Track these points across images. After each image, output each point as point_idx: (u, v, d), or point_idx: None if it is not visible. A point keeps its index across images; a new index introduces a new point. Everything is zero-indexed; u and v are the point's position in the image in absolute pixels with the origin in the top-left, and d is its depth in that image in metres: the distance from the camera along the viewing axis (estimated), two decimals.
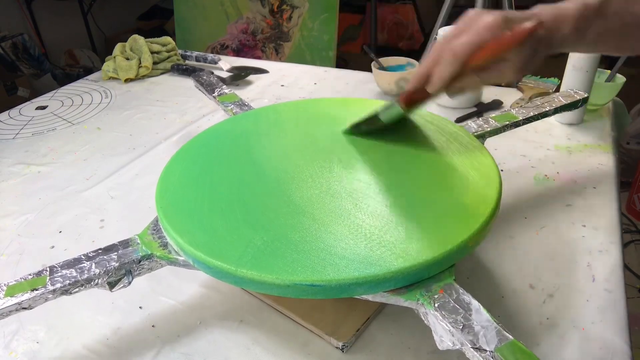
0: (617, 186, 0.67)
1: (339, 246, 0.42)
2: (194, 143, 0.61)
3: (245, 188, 0.51)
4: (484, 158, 0.52)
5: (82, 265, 0.45)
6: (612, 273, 0.53)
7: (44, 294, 0.43)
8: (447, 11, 1.36)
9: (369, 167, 0.52)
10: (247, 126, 0.64)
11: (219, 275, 0.42)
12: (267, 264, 0.41)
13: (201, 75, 0.84)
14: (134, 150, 0.84)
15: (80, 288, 0.44)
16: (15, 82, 2.23)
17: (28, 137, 0.91)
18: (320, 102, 0.69)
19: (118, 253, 0.47)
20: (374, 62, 0.97)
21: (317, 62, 1.93)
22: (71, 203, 0.71)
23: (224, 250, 0.43)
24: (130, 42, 1.16)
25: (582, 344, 0.45)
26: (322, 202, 0.48)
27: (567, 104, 0.68)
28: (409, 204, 0.47)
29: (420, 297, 0.39)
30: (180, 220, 0.47)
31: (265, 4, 2.01)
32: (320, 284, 0.39)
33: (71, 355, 0.48)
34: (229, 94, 0.77)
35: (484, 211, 0.45)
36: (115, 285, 0.46)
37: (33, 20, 2.48)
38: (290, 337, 0.48)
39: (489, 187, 0.48)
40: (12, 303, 0.43)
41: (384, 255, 0.40)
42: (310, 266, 0.40)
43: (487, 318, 0.37)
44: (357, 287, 0.39)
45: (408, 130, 0.59)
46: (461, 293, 0.39)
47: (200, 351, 0.47)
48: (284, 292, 0.40)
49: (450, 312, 0.37)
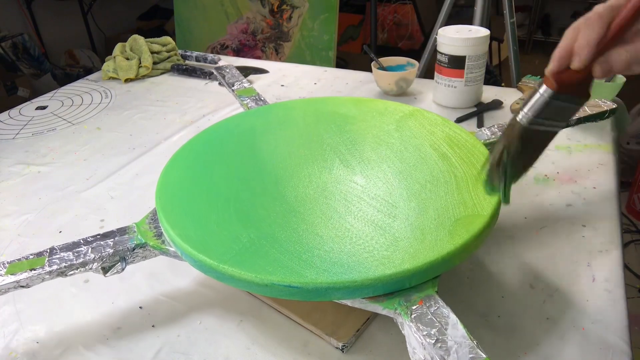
0: (617, 186, 0.67)
1: (322, 248, 0.42)
2: (201, 137, 0.61)
3: (243, 184, 0.51)
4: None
5: (79, 249, 0.47)
6: (612, 273, 0.52)
7: (41, 275, 0.45)
8: (447, 11, 1.35)
9: (369, 170, 0.52)
10: (256, 122, 0.64)
11: (203, 269, 0.43)
12: (249, 261, 0.41)
13: (225, 68, 0.88)
14: (134, 150, 0.84)
15: (75, 271, 0.46)
16: (15, 82, 2.23)
17: (28, 137, 0.91)
18: (331, 100, 0.68)
19: (114, 240, 0.48)
20: (374, 62, 0.97)
21: (317, 62, 1.92)
22: (71, 203, 0.71)
23: (211, 245, 0.43)
24: (130, 42, 1.16)
25: (582, 344, 0.45)
26: (315, 203, 0.48)
27: (593, 114, 0.63)
28: (401, 211, 0.46)
29: (398, 307, 0.39)
30: (175, 213, 0.48)
31: (265, 4, 2.01)
32: (297, 286, 0.39)
33: (71, 355, 0.48)
34: (248, 88, 0.79)
35: (475, 226, 0.43)
36: (109, 271, 0.47)
37: (33, 20, 2.48)
38: (290, 337, 0.48)
39: (487, 200, 0.46)
40: (11, 281, 0.44)
41: (365, 262, 0.40)
42: (290, 267, 0.40)
43: (463, 334, 0.36)
44: (335, 291, 0.39)
45: (418, 134, 0.58)
46: (440, 306, 0.38)
47: (200, 351, 0.47)
48: (262, 291, 0.40)
49: (426, 325, 0.37)
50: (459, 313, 0.49)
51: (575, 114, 0.44)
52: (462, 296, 0.51)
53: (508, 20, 1.29)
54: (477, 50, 0.84)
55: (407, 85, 0.95)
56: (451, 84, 0.88)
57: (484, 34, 0.84)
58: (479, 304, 0.50)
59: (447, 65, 0.86)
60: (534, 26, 3.06)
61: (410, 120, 0.60)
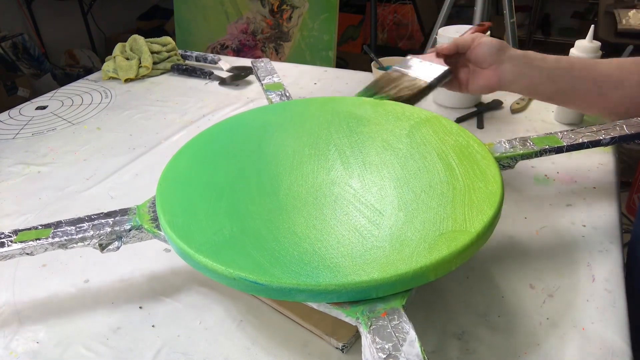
0: (617, 186, 0.67)
1: (297, 249, 0.42)
2: (214, 129, 0.62)
3: (241, 178, 0.52)
4: (491, 185, 0.48)
5: (82, 225, 0.50)
6: (612, 273, 0.53)
7: (44, 245, 0.48)
8: (447, 11, 1.36)
9: (367, 174, 0.52)
10: (271, 118, 0.64)
11: (183, 257, 0.44)
12: (223, 254, 0.42)
13: (259, 61, 0.91)
14: (134, 150, 0.84)
15: (75, 245, 0.49)
16: (15, 82, 2.23)
17: (28, 137, 0.91)
18: (350, 100, 0.68)
19: (114, 219, 0.50)
20: (373, 62, 0.96)
21: (317, 62, 1.92)
22: (71, 203, 0.71)
23: (194, 234, 0.44)
24: (130, 42, 1.16)
25: (582, 344, 0.45)
26: (304, 203, 0.48)
27: (630, 134, 0.58)
28: (387, 219, 0.45)
29: (360, 316, 0.38)
30: (170, 200, 0.49)
31: (265, 4, 2.01)
32: (262, 283, 0.39)
33: (71, 355, 0.48)
34: (277, 83, 0.80)
35: (458, 242, 0.41)
36: (105, 248, 0.50)
37: (33, 20, 2.48)
38: (290, 337, 0.48)
39: (479, 217, 0.44)
40: (17, 247, 0.48)
41: (335, 267, 0.40)
42: (261, 264, 0.40)
43: (417, 353, 0.34)
44: (298, 293, 0.39)
45: (428, 141, 0.56)
46: (403, 321, 0.37)
47: (200, 351, 0.47)
48: (231, 284, 0.41)
49: (382, 338, 0.36)
50: (458, 313, 0.49)
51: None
52: (462, 296, 0.51)
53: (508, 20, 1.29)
54: None
55: None
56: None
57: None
58: (479, 304, 0.50)
59: None
60: (534, 26, 3.06)
61: (425, 126, 0.59)
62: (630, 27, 1.66)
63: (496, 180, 0.49)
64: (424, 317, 0.49)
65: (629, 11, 1.76)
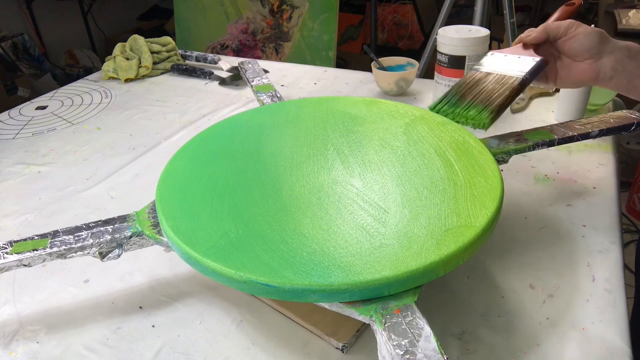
0: (617, 186, 0.67)
1: (306, 249, 0.42)
2: (210, 131, 0.62)
3: (242, 180, 0.51)
4: (491, 180, 0.49)
5: (80, 233, 0.49)
6: (612, 273, 0.53)
7: (42, 255, 0.47)
8: (447, 11, 1.36)
9: (368, 173, 0.52)
10: (266, 118, 0.64)
11: (189, 261, 0.44)
12: (231, 257, 0.41)
13: (246, 62, 0.91)
14: (134, 150, 0.84)
15: (74, 254, 0.48)
16: (15, 82, 2.23)
17: (28, 137, 0.91)
18: (344, 100, 0.68)
19: (114, 227, 0.50)
20: (374, 62, 0.97)
21: (317, 62, 1.92)
22: (71, 203, 0.71)
23: (199, 238, 0.44)
24: (130, 42, 1.16)
25: (582, 344, 0.45)
26: (308, 203, 0.48)
27: (617, 126, 0.60)
28: (392, 217, 0.45)
29: (374, 314, 0.38)
30: (171, 205, 0.48)
31: (265, 4, 2.01)
32: (274, 285, 0.39)
33: (71, 355, 0.48)
34: (266, 85, 0.80)
35: (465, 237, 0.42)
36: (105, 256, 0.49)
37: (33, 20, 2.48)
38: (290, 337, 0.48)
39: (482, 212, 0.45)
40: (14, 259, 0.46)
41: (346, 266, 0.40)
42: (271, 266, 0.40)
43: (434, 347, 0.35)
44: (311, 293, 0.39)
45: (425, 138, 0.57)
46: (417, 317, 0.37)
47: (200, 351, 0.47)
48: (242, 287, 0.40)
49: (398, 335, 0.36)
50: (458, 313, 0.49)
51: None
52: (462, 296, 0.51)
53: (508, 20, 1.29)
54: (477, 50, 0.84)
55: (407, 85, 0.95)
56: (451, 84, 0.87)
57: (484, 34, 0.84)
58: (479, 304, 0.50)
59: (447, 65, 0.86)
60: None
61: (420, 123, 0.60)
62: (630, 27, 1.66)
63: (495, 174, 0.49)
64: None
65: (629, 11, 1.76)
